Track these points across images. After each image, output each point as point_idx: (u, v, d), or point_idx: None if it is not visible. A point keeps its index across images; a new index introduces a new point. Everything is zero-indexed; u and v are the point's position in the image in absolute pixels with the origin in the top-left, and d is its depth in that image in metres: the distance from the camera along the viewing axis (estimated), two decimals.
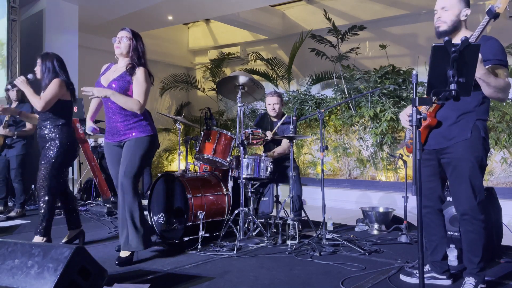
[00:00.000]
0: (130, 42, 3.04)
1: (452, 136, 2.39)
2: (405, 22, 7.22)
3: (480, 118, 2.38)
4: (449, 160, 2.43)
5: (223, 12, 7.65)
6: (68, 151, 3.38)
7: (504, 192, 5.11)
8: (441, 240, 2.59)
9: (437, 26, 2.42)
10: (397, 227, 4.11)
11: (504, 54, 2.33)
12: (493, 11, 2.07)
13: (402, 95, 6.48)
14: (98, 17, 7.34)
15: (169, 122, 9.56)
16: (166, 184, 3.82)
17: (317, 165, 7.34)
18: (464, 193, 2.36)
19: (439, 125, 2.43)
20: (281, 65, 8.24)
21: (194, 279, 2.70)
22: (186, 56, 10.27)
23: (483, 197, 2.38)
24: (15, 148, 5.13)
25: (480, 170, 2.37)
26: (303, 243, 3.48)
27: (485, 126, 2.40)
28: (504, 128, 5.48)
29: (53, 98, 3.29)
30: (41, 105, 3.25)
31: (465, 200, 2.37)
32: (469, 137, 2.35)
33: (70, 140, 3.41)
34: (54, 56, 3.44)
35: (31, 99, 3.31)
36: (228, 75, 3.98)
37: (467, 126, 2.36)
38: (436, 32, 2.43)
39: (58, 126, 3.37)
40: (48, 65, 3.37)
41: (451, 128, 2.40)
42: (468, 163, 2.35)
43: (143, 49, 3.08)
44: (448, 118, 2.41)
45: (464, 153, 2.35)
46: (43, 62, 3.39)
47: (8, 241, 2.18)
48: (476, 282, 2.37)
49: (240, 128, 3.66)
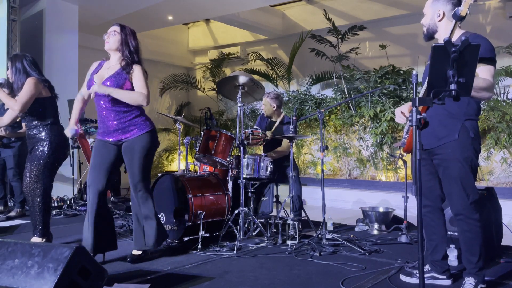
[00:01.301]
0: (119, 36, 2.98)
1: (441, 137, 2.40)
2: (405, 22, 7.22)
3: (469, 118, 2.37)
4: (439, 162, 2.44)
5: (223, 12, 7.65)
6: (59, 150, 3.34)
7: (504, 192, 5.11)
8: (441, 239, 2.59)
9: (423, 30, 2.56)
10: (397, 227, 4.11)
11: (488, 52, 2.28)
12: (457, 14, 2.09)
13: (402, 95, 6.48)
14: (98, 17, 7.33)
15: (169, 122, 9.56)
16: (166, 184, 3.82)
17: (317, 165, 7.34)
18: (456, 193, 2.37)
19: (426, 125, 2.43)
20: (281, 65, 8.23)
21: (194, 279, 2.70)
22: (186, 56, 10.27)
23: (476, 197, 2.38)
24: (11, 149, 5.11)
25: (470, 170, 2.37)
26: (303, 243, 3.48)
27: (474, 126, 2.39)
28: (504, 128, 5.48)
29: (30, 98, 3.22)
30: (18, 108, 3.18)
31: (458, 201, 2.37)
32: (457, 138, 2.35)
33: (60, 138, 3.36)
34: (23, 56, 3.38)
35: (6, 102, 3.25)
36: (228, 75, 3.98)
37: (455, 127, 2.36)
38: None
39: (47, 125, 3.33)
40: (18, 66, 3.31)
41: (440, 129, 2.40)
42: (458, 163, 2.35)
43: (135, 45, 3.01)
44: (436, 118, 2.39)
45: (453, 154, 2.36)
46: (12, 64, 3.33)
47: (8, 241, 2.18)
48: (476, 282, 2.37)
49: (240, 128, 3.66)
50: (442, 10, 2.43)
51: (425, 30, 2.53)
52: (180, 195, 3.69)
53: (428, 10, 2.50)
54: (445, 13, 2.42)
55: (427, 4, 2.52)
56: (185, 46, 10.19)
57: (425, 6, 2.53)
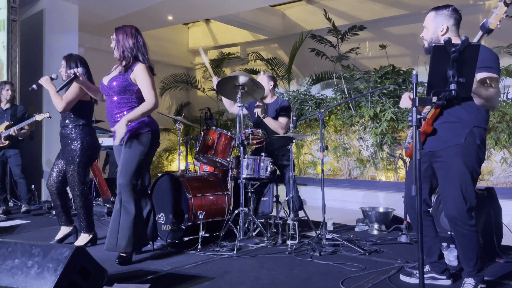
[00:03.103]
0: (115, 42, 3.04)
1: (446, 140, 2.39)
2: (405, 22, 7.22)
3: (478, 126, 2.36)
4: (441, 164, 2.42)
5: (223, 12, 7.65)
6: (89, 150, 3.49)
7: (504, 192, 5.11)
8: (433, 240, 2.60)
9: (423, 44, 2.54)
10: (397, 227, 4.11)
11: (494, 62, 2.30)
12: (486, 26, 2.08)
13: (402, 95, 6.46)
14: (98, 17, 7.33)
15: (169, 122, 9.56)
16: (166, 184, 3.82)
17: (317, 165, 7.34)
18: (453, 197, 2.34)
19: (434, 132, 2.44)
20: (281, 65, 8.23)
21: (194, 279, 2.70)
22: (186, 56, 10.27)
23: (473, 203, 2.35)
24: (17, 148, 5.15)
25: (471, 176, 2.34)
26: (303, 243, 3.48)
27: (482, 134, 2.37)
28: (504, 128, 5.48)
29: (74, 99, 3.39)
30: (62, 106, 3.36)
31: (454, 205, 2.34)
32: (462, 143, 2.34)
33: (92, 139, 3.52)
34: (77, 57, 3.52)
35: (53, 99, 3.39)
36: (228, 75, 3.97)
37: (462, 131, 2.35)
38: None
39: (79, 126, 3.47)
40: (72, 66, 3.42)
41: (447, 133, 2.39)
42: (460, 167, 2.33)
43: (131, 44, 2.99)
44: (445, 124, 2.40)
45: (456, 157, 2.34)
46: (67, 63, 3.47)
47: (8, 241, 2.18)
48: (476, 282, 2.38)
49: (240, 128, 3.66)
50: (446, 25, 2.41)
51: (427, 44, 2.49)
52: (180, 195, 3.69)
53: (430, 24, 2.46)
54: (448, 27, 2.41)
55: (428, 18, 2.48)
56: (185, 46, 10.19)
57: (426, 20, 2.49)
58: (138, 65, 2.97)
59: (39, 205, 5.65)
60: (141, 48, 3.03)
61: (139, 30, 3.11)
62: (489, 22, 2.07)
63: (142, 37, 3.08)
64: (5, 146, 5.06)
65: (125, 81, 2.97)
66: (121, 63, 3.02)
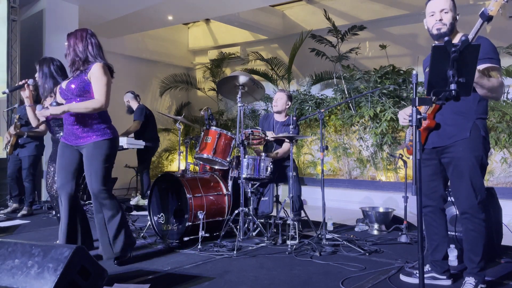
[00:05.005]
0: (67, 47, 2.97)
1: (452, 135, 2.40)
2: (405, 22, 7.22)
3: (480, 117, 2.39)
4: (449, 160, 2.43)
5: (223, 12, 7.65)
6: None
7: (504, 192, 5.11)
8: (442, 239, 2.59)
9: (438, 28, 2.39)
10: (397, 227, 4.11)
11: (495, 53, 2.33)
12: (486, 14, 2.07)
13: (402, 95, 6.48)
14: (98, 17, 7.33)
15: (169, 122, 9.56)
16: (166, 184, 3.82)
17: (317, 165, 7.34)
18: (465, 192, 2.37)
19: (438, 127, 2.44)
20: (281, 65, 8.23)
21: (194, 279, 2.70)
22: (186, 56, 10.26)
23: (484, 196, 2.39)
24: (27, 149, 5.17)
25: (480, 169, 2.38)
26: (303, 243, 3.48)
27: (484, 125, 2.41)
28: (504, 128, 5.48)
29: None
30: None
31: (465, 199, 2.37)
32: (468, 136, 2.36)
33: None
34: (50, 60, 3.42)
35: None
36: (228, 75, 3.97)
37: (466, 125, 2.37)
38: (436, 34, 2.41)
39: None
40: (45, 70, 3.36)
41: (450, 127, 2.41)
42: (468, 162, 2.36)
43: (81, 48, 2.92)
44: (447, 118, 2.42)
45: (464, 152, 2.36)
46: (40, 68, 3.38)
47: (8, 241, 2.18)
48: (476, 282, 2.37)
49: (240, 128, 3.66)
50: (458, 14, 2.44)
51: (446, 28, 2.38)
52: (180, 195, 3.69)
53: (453, 9, 2.41)
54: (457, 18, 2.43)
55: (448, 3, 2.41)
56: (185, 46, 10.19)
57: (446, 3, 2.40)
58: (95, 64, 2.91)
59: (39, 205, 5.65)
60: (92, 50, 2.96)
61: (94, 33, 3.02)
62: (489, 10, 2.06)
63: (96, 38, 3.00)
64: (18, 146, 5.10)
65: (82, 81, 2.89)
66: (74, 66, 2.95)
